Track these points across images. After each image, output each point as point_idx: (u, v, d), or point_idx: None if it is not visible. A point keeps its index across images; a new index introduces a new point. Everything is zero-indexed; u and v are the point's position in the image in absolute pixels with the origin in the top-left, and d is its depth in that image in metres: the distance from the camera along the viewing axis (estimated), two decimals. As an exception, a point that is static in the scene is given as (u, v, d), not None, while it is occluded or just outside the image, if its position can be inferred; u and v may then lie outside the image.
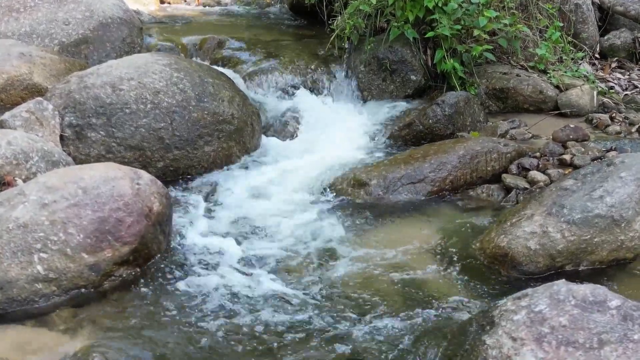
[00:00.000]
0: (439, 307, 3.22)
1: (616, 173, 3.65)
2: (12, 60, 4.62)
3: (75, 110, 4.27)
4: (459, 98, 5.01)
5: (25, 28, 5.31)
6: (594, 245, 3.47)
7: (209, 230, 3.88)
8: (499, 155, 4.44)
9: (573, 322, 2.54)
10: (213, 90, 4.59)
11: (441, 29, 5.18)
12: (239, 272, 3.50)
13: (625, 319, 2.54)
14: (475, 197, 4.29)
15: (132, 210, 3.35)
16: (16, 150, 3.69)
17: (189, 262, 3.55)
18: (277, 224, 3.98)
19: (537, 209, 3.63)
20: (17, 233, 3.15)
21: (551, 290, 2.67)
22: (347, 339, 2.99)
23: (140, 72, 4.43)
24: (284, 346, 2.95)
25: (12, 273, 3.09)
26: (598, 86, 5.60)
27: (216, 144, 4.51)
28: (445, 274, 3.52)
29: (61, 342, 2.91)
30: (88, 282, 3.23)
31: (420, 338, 2.99)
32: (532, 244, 3.48)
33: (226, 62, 5.67)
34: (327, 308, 3.22)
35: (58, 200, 3.26)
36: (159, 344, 2.92)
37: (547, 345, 2.50)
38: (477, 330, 2.72)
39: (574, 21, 6.17)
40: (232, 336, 3.00)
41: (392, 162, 4.44)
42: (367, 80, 5.53)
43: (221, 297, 3.28)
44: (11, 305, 3.09)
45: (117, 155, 4.23)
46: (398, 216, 4.08)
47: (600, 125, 5.09)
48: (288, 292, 3.34)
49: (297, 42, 6.09)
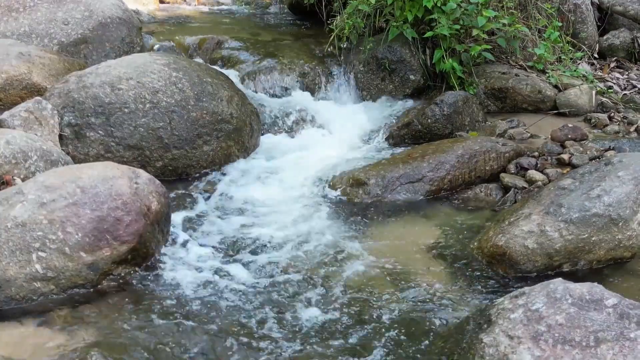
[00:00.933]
0: (437, 305, 3.22)
1: (614, 172, 3.66)
2: (11, 60, 4.63)
3: (74, 109, 4.28)
4: (457, 98, 5.01)
5: (24, 28, 5.32)
6: (592, 244, 3.48)
7: (208, 229, 3.89)
8: (497, 155, 4.44)
9: (570, 320, 2.55)
10: (212, 89, 4.60)
11: (440, 28, 5.19)
12: (237, 271, 3.51)
13: (622, 317, 2.55)
14: (473, 197, 4.29)
15: (130, 209, 3.36)
16: (15, 150, 3.70)
17: (187, 261, 3.55)
18: (275, 223, 3.99)
19: (535, 208, 3.63)
20: (16, 232, 3.15)
21: (548, 289, 2.68)
22: (344, 338, 3.00)
23: (139, 72, 4.43)
24: (283, 345, 2.95)
25: (11, 272, 3.10)
26: (597, 86, 5.60)
27: (215, 144, 4.51)
28: (443, 273, 3.52)
29: (59, 341, 2.91)
30: (86, 281, 3.23)
31: (418, 336, 2.99)
32: (530, 243, 3.48)
33: (225, 61, 5.68)
34: (325, 307, 3.22)
35: (57, 199, 3.26)
36: (158, 343, 2.93)
37: (543, 344, 2.50)
38: (475, 329, 2.73)
39: (573, 21, 6.18)
40: (231, 335, 3.00)
41: (391, 162, 4.45)
42: (366, 79, 5.54)
43: (219, 296, 3.29)
44: (9, 304, 3.09)
45: (115, 155, 4.24)
46: (396, 216, 4.09)
47: (598, 124, 5.10)
48: (286, 292, 3.35)
49: (296, 42, 6.09)
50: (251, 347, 2.94)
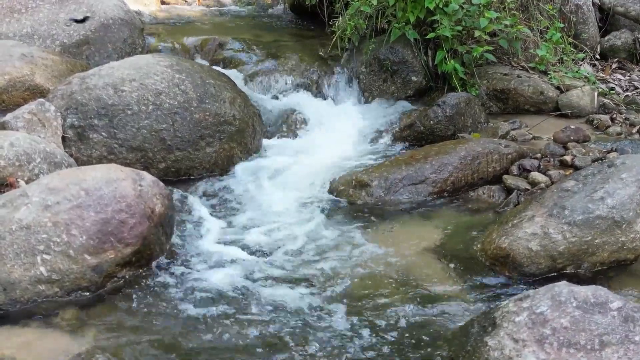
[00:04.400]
0: (441, 308, 3.23)
1: (617, 174, 3.66)
2: (13, 61, 4.64)
3: (77, 111, 4.28)
4: (459, 99, 5.01)
5: (26, 29, 5.32)
6: (595, 247, 3.48)
7: (211, 231, 3.89)
8: (499, 157, 4.44)
9: (574, 323, 2.55)
10: (214, 91, 4.60)
11: (442, 30, 5.19)
12: (240, 272, 3.51)
13: (627, 320, 2.55)
14: (476, 198, 4.29)
15: (134, 211, 3.36)
16: (19, 152, 3.70)
17: (191, 263, 3.56)
18: (278, 224, 3.99)
19: (538, 210, 3.64)
20: (20, 234, 3.16)
21: (552, 292, 2.68)
22: (348, 339, 3.00)
23: (141, 74, 4.44)
24: (284, 345, 2.96)
25: (15, 274, 3.10)
26: (599, 87, 5.60)
27: (217, 145, 4.51)
28: (447, 275, 3.52)
29: (64, 343, 2.91)
30: (91, 284, 3.24)
31: (422, 339, 3.00)
32: (533, 245, 3.49)
33: (227, 62, 5.68)
34: (328, 308, 3.22)
35: (61, 201, 3.27)
36: (162, 345, 2.93)
37: (548, 347, 2.51)
38: (479, 332, 2.73)
39: (575, 22, 6.18)
40: (235, 336, 3.01)
41: (393, 163, 4.45)
42: (368, 81, 5.54)
43: (223, 297, 3.29)
44: (14, 306, 3.10)
45: (119, 157, 4.24)
46: (399, 217, 4.09)
47: (600, 126, 5.10)
48: (289, 292, 3.35)
49: (298, 43, 6.09)
50: (254, 347, 2.94)
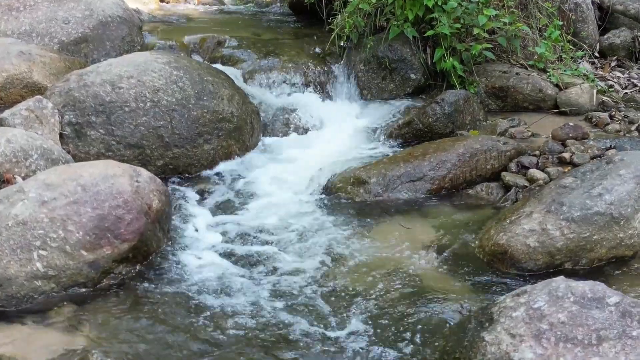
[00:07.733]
0: (438, 304, 3.22)
1: (615, 171, 3.65)
2: (11, 59, 4.64)
3: (74, 108, 4.28)
4: (458, 97, 5.01)
5: (25, 27, 5.31)
6: (593, 243, 3.47)
7: (208, 228, 3.89)
8: (498, 154, 4.44)
9: (572, 318, 2.54)
10: (212, 88, 4.59)
11: (441, 27, 5.18)
12: (237, 269, 3.51)
13: (624, 315, 2.54)
14: (474, 195, 4.29)
15: (131, 207, 3.36)
16: (16, 148, 3.70)
17: (187, 259, 3.55)
18: (276, 221, 3.99)
19: (537, 206, 3.63)
20: (17, 230, 3.15)
21: (550, 287, 2.68)
22: (347, 336, 3.00)
23: (139, 71, 4.43)
24: (282, 343, 2.95)
25: (12, 270, 3.10)
26: (598, 85, 5.60)
27: (216, 142, 4.51)
28: (445, 271, 3.52)
29: (60, 339, 2.91)
30: (87, 280, 3.23)
31: (420, 335, 2.99)
32: (531, 241, 3.48)
33: (226, 60, 5.67)
34: (327, 306, 3.22)
35: (57, 197, 3.26)
36: (159, 341, 2.93)
37: (545, 342, 2.50)
38: (476, 327, 2.72)
39: (574, 20, 6.17)
40: (232, 333, 3.00)
41: (392, 161, 4.44)
42: (367, 78, 5.53)
43: (220, 294, 3.28)
44: (10, 303, 3.09)
45: (116, 154, 4.23)
46: (397, 214, 4.08)
47: (599, 123, 5.09)
48: (286, 290, 3.35)
49: (297, 41, 6.08)
50: (252, 344, 2.93)
